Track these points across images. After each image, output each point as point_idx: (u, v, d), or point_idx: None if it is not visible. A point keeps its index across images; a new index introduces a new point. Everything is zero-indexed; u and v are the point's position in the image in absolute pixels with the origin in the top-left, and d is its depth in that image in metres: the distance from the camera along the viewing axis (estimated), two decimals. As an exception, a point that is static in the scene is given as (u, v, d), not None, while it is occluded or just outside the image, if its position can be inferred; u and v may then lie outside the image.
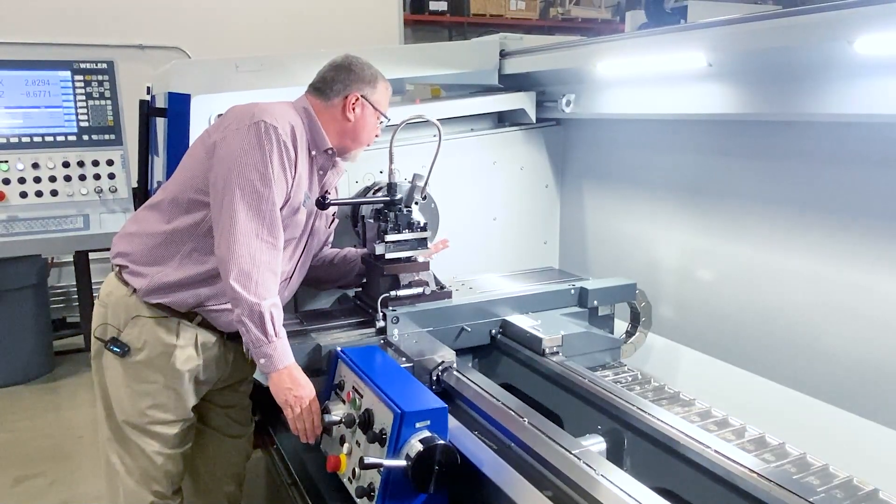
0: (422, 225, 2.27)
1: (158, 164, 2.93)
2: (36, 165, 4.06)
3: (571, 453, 1.52)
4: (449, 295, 2.30)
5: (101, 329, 2.02)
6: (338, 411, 1.78)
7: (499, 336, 2.30)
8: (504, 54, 3.06)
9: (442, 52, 3.16)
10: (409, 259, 2.25)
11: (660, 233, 2.79)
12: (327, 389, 1.90)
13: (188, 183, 1.98)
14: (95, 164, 4.18)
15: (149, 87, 3.11)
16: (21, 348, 4.55)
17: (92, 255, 4.69)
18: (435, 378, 1.95)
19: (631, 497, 1.35)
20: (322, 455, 1.85)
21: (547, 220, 3.23)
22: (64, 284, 5.63)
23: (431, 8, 7.58)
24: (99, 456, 2.16)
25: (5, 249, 3.98)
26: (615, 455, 1.77)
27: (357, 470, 1.60)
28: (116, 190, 4.23)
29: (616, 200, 3.02)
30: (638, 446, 1.74)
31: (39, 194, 4.06)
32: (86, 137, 4.18)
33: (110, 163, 4.21)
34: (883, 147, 1.99)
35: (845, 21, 1.72)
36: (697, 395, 1.98)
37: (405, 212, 2.25)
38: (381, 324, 2.13)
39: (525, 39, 3.18)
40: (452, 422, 1.62)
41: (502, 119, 3.17)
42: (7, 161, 4.00)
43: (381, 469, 1.50)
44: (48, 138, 4.10)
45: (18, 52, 4.87)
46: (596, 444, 1.78)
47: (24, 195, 4.04)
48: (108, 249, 2.20)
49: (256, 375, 2.26)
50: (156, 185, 2.95)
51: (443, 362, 1.96)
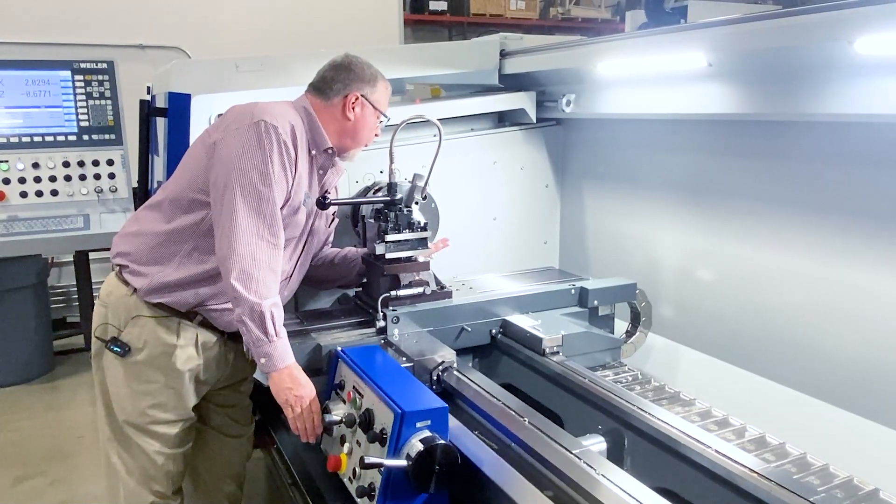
0: (422, 225, 2.27)
1: (158, 163, 2.92)
2: (36, 165, 4.05)
3: (572, 453, 1.52)
4: (449, 295, 2.30)
5: (101, 329, 2.02)
6: (338, 411, 1.78)
7: (499, 336, 2.30)
8: (504, 54, 3.06)
9: (442, 52, 3.15)
10: (409, 259, 2.25)
11: (660, 233, 2.79)
12: (328, 389, 1.90)
13: (188, 183, 1.98)
14: (95, 163, 4.17)
15: (149, 87, 3.11)
16: (21, 348, 4.55)
17: (92, 255, 4.69)
18: (435, 378, 1.95)
19: (631, 497, 1.35)
20: (322, 455, 1.85)
21: (547, 220, 3.24)
22: (64, 284, 5.62)
23: (431, 8, 7.59)
24: (99, 456, 2.16)
25: (5, 249, 3.98)
26: (615, 455, 1.78)
27: (357, 470, 1.60)
28: (116, 190, 4.23)
29: (616, 200, 3.02)
30: (638, 446, 1.74)
31: (39, 194, 4.06)
32: (86, 137, 4.17)
33: (110, 163, 4.21)
34: (883, 147, 1.99)
35: (845, 21, 1.72)
36: (697, 395, 1.98)
37: (405, 212, 2.25)
38: (381, 324, 2.14)
39: (525, 39, 3.18)
40: (453, 422, 1.62)
41: (502, 119, 3.18)
42: (7, 161, 3.99)
43: (382, 469, 1.50)
44: (48, 138, 4.10)
45: (18, 52, 4.86)
46: (596, 443, 1.78)
47: (24, 195, 4.04)
48: (108, 249, 2.20)
49: (257, 375, 2.26)
50: (156, 185, 2.94)
51: (443, 362, 1.96)
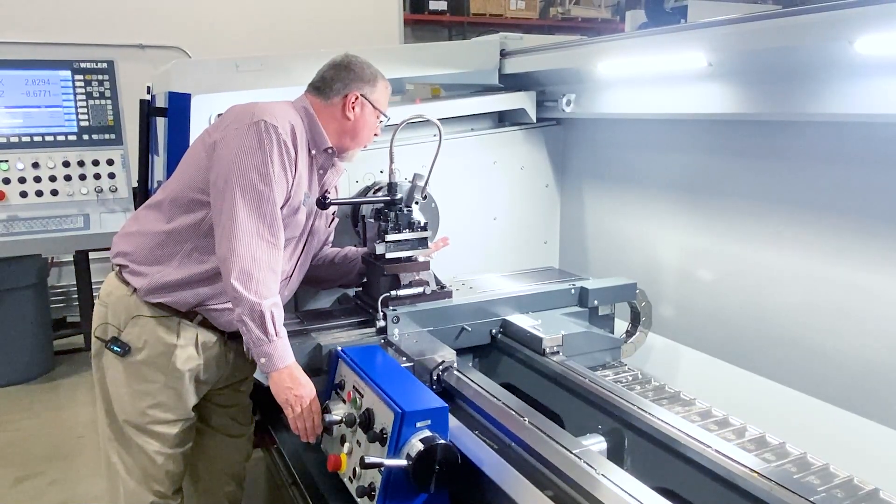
0: (422, 224, 2.27)
1: (158, 163, 2.92)
2: (36, 165, 4.05)
3: (572, 453, 1.52)
4: (449, 295, 2.30)
5: (101, 329, 2.02)
6: (338, 411, 1.78)
7: (499, 336, 2.30)
8: (504, 54, 3.06)
9: (442, 51, 3.15)
10: (409, 259, 2.25)
11: (660, 233, 2.79)
12: (328, 389, 1.90)
13: (188, 182, 1.98)
14: (95, 163, 4.17)
15: (149, 87, 3.11)
16: (21, 348, 4.55)
17: (92, 255, 4.70)
18: (435, 378, 1.95)
19: (631, 497, 1.35)
20: (322, 455, 1.85)
21: (547, 219, 3.24)
22: (64, 284, 5.63)
23: (431, 7, 7.58)
24: (99, 456, 2.16)
25: (5, 249, 3.98)
26: (616, 455, 1.78)
27: (358, 469, 1.60)
28: (116, 189, 4.23)
29: (616, 200, 3.02)
30: (638, 446, 1.74)
31: (39, 194, 4.06)
32: (86, 137, 4.17)
33: (110, 162, 4.21)
34: (883, 147, 1.99)
35: (845, 21, 1.72)
36: (697, 395, 1.98)
37: (405, 211, 2.25)
38: (381, 323, 2.14)
39: (525, 39, 3.17)
40: (453, 421, 1.62)
41: (502, 119, 3.17)
42: (7, 161, 4.00)
43: (382, 469, 1.50)
44: (48, 138, 4.10)
45: (18, 52, 4.86)
46: (596, 443, 1.79)
47: (24, 195, 4.04)
48: (108, 249, 2.20)
49: (257, 375, 2.25)
50: (156, 185, 2.94)
51: (443, 362, 1.96)
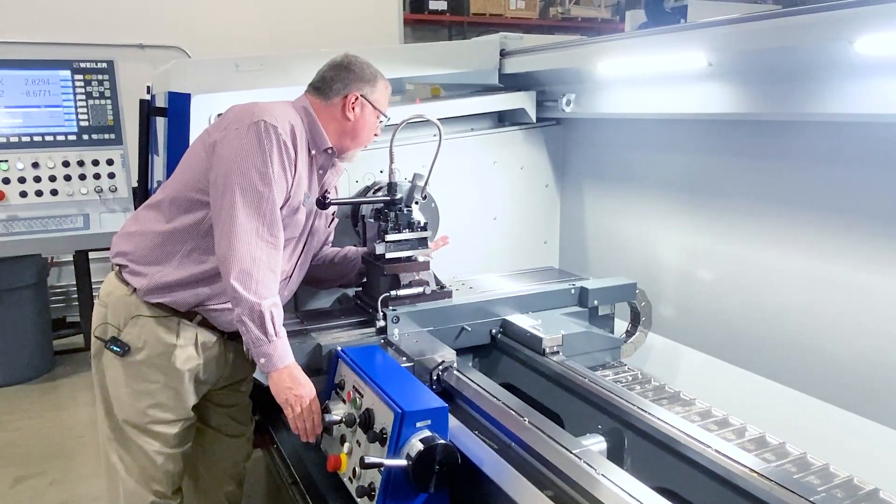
0: (422, 224, 2.27)
1: (158, 163, 2.92)
2: (36, 165, 4.05)
3: (572, 453, 1.52)
4: (449, 295, 2.30)
5: (101, 329, 2.02)
6: (338, 411, 1.78)
7: (499, 336, 2.30)
8: (504, 54, 3.06)
9: (442, 51, 3.15)
10: (409, 259, 2.25)
11: (660, 233, 2.79)
12: (328, 389, 1.90)
13: (188, 182, 1.98)
14: (95, 163, 4.17)
15: (149, 87, 3.11)
16: (21, 348, 4.55)
17: (92, 255, 4.69)
18: (435, 378, 1.95)
19: (631, 496, 1.35)
20: (322, 455, 1.85)
21: (547, 219, 3.24)
22: (64, 284, 5.62)
23: (431, 7, 7.59)
24: (99, 456, 2.16)
25: (5, 249, 3.98)
26: (615, 454, 1.78)
27: (357, 469, 1.60)
28: (116, 189, 4.23)
29: (616, 200, 3.02)
30: (638, 446, 1.74)
31: (39, 194, 4.06)
32: (86, 137, 4.17)
33: (110, 162, 4.21)
34: (883, 147, 1.99)
35: (845, 21, 1.72)
36: (697, 395, 1.98)
37: (405, 211, 2.25)
38: (381, 323, 2.14)
39: (525, 39, 3.18)
40: (453, 421, 1.62)
41: (502, 119, 3.17)
42: (7, 160, 3.99)
43: (382, 468, 1.50)
44: (48, 138, 4.10)
45: (18, 52, 4.85)
46: (596, 443, 1.79)
47: (24, 195, 4.04)
48: (108, 249, 2.20)
49: (257, 375, 2.25)
50: (156, 185, 2.94)
51: (443, 362, 1.96)
